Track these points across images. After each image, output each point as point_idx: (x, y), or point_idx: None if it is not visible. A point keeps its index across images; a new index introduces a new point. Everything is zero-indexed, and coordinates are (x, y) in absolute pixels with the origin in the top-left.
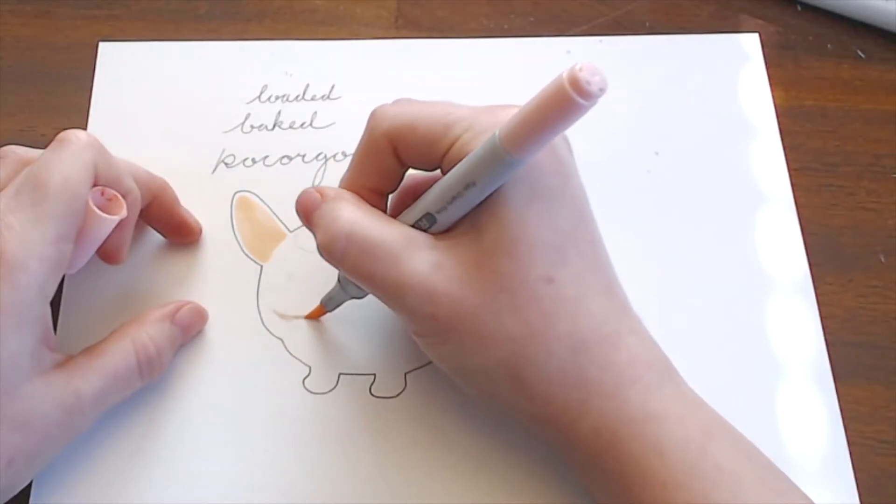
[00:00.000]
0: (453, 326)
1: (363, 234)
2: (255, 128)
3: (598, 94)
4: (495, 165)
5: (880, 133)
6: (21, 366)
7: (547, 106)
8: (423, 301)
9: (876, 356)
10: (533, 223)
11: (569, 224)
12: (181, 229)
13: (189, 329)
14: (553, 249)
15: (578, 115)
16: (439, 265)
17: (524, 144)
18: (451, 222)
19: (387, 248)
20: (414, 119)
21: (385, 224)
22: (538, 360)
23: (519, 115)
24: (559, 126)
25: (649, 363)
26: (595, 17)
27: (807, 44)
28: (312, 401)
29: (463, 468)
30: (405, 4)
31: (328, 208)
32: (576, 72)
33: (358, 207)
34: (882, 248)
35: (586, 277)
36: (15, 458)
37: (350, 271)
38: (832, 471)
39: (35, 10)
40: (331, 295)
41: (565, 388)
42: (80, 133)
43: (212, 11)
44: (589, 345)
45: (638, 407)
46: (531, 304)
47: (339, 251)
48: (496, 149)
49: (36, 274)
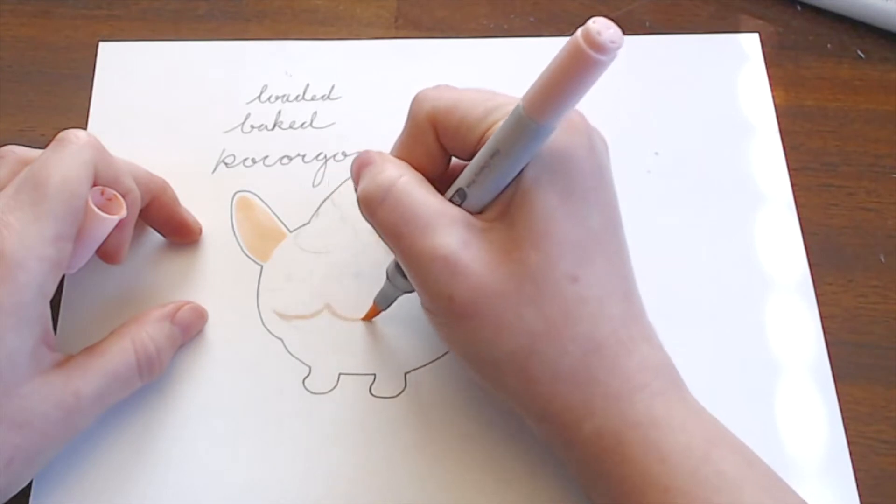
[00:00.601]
0: (470, 310)
1: (405, 190)
2: (255, 128)
3: (612, 46)
4: (518, 131)
5: (880, 133)
6: (20, 365)
7: (565, 66)
8: (444, 277)
9: (876, 356)
10: (565, 220)
11: (599, 225)
12: (181, 229)
13: (189, 329)
14: (581, 248)
15: (597, 72)
16: (468, 243)
17: (545, 108)
18: (482, 200)
19: (422, 214)
20: (455, 102)
21: (428, 192)
22: (551, 357)
23: (539, 80)
24: (577, 86)
25: (658, 370)
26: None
27: (807, 44)
28: (312, 401)
29: (463, 468)
30: (405, 4)
31: (380, 163)
32: (589, 26)
33: (408, 170)
34: (882, 248)
35: (610, 280)
36: (14, 457)
37: (382, 226)
38: (832, 471)
39: (35, 10)
40: (383, 292)
41: (572, 388)
42: (79, 132)
43: (212, 11)
44: (603, 348)
45: (642, 412)
46: (554, 301)
47: (376, 201)
48: (519, 116)
49: (35, 273)
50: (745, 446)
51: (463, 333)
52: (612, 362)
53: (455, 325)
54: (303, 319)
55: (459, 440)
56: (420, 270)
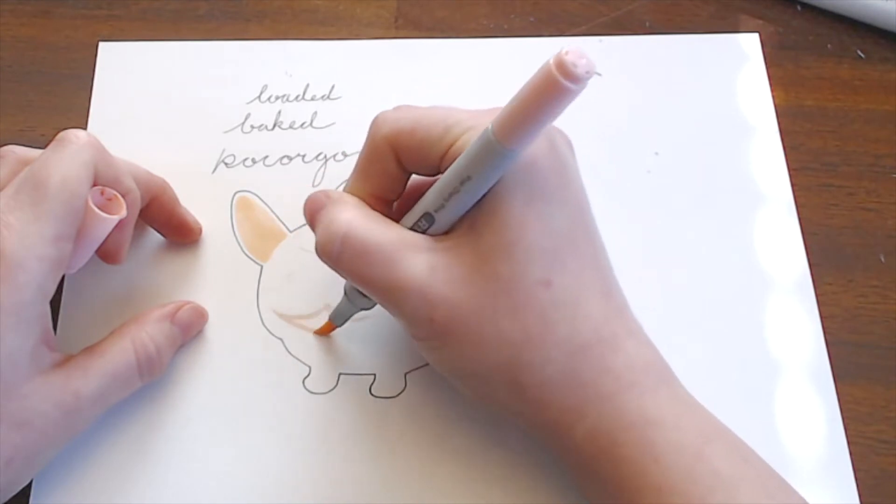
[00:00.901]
0: (451, 330)
1: (359, 236)
2: (255, 128)
3: (586, 77)
4: (489, 157)
5: (880, 133)
6: (20, 365)
7: (536, 92)
8: (419, 304)
9: (876, 356)
10: (531, 225)
11: (567, 226)
12: (181, 229)
13: (189, 329)
14: (551, 252)
15: (567, 100)
16: (435, 268)
17: (516, 134)
18: (450, 221)
19: (382, 251)
20: (414, 123)
21: (382, 227)
22: (536, 365)
23: (510, 105)
24: (549, 113)
25: (647, 367)
26: (595, 17)
27: (807, 44)
28: (312, 401)
29: (463, 468)
30: (405, 4)
31: (328, 209)
32: (562, 56)
33: (357, 210)
34: (882, 248)
35: (584, 280)
36: (14, 457)
37: (347, 273)
38: (832, 471)
39: (35, 10)
40: (339, 310)
41: (562, 393)
42: (79, 132)
43: (212, 11)
44: (586, 349)
45: (634, 411)
46: (529, 309)
47: (334, 253)
48: (489, 140)
49: (35, 273)
50: (740, 442)
51: (447, 353)
52: (598, 362)
53: (439, 346)
54: (303, 319)
55: (459, 440)
56: (395, 305)
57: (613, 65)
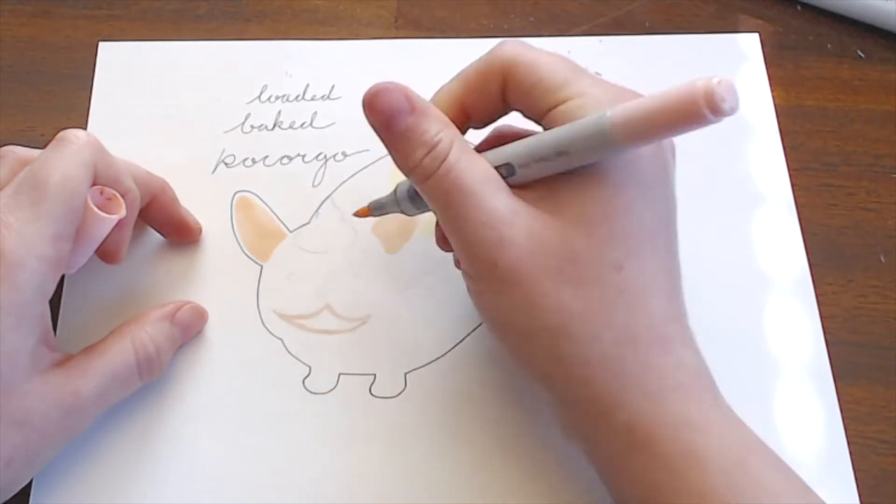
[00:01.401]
0: (510, 278)
1: (456, 158)
2: (255, 128)
3: (729, 113)
4: (597, 144)
5: (880, 133)
6: (20, 364)
7: (672, 109)
8: (491, 242)
9: (876, 356)
10: (619, 210)
11: (652, 222)
12: (181, 229)
13: (189, 329)
14: (632, 240)
15: (699, 127)
16: (517, 212)
17: (635, 136)
18: (526, 181)
19: (472, 180)
20: (536, 60)
21: (475, 156)
22: (583, 340)
23: (640, 107)
24: (677, 131)
25: (696, 374)
26: (595, 17)
27: (807, 44)
28: (312, 401)
29: (463, 468)
30: (405, 4)
31: (424, 119)
32: (713, 86)
33: (454, 128)
34: (882, 248)
35: (655, 277)
36: (14, 456)
37: (432, 193)
38: (832, 471)
39: (35, 10)
40: (381, 202)
41: (604, 377)
42: (79, 132)
43: (212, 11)
44: (638, 341)
45: (677, 412)
46: (594, 285)
47: (430, 169)
48: (604, 129)
49: (34, 272)
50: (781, 460)
51: (500, 301)
52: (645, 358)
53: (494, 291)
54: (303, 319)
55: (459, 440)
56: (466, 235)
57: (613, 65)
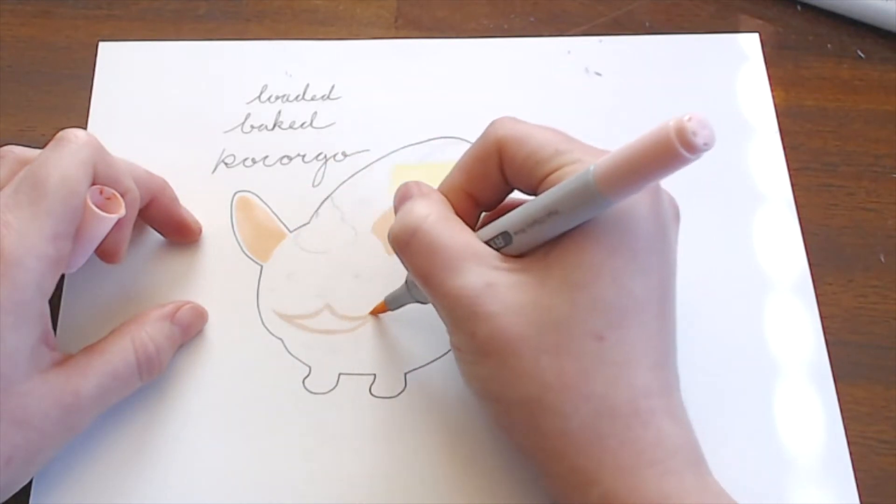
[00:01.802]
0: (489, 349)
1: (430, 232)
2: (255, 128)
3: (704, 149)
4: (583, 201)
5: (880, 133)
6: (20, 363)
7: (648, 152)
8: (466, 315)
9: (876, 356)
10: (605, 277)
11: (642, 291)
12: (181, 229)
13: (189, 329)
14: (615, 309)
15: (678, 167)
16: (493, 285)
17: (617, 186)
18: (526, 247)
19: (446, 254)
20: (527, 134)
21: (456, 231)
22: (561, 413)
23: (617, 155)
24: (657, 174)
25: (676, 449)
26: (595, 17)
27: (807, 44)
28: (312, 401)
29: (463, 468)
30: (405, 4)
31: (412, 200)
32: (684, 122)
33: (438, 207)
34: (882, 248)
35: (639, 347)
36: (14, 455)
37: (409, 264)
38: (832, 471)
39: (35, 10)
40: (395, 294)
41: (581, 450)
42: (78, 132)
43: (212, 11)
44: (617, 414)
45: (652, 490)
46: (572, 355)
47: (403, 241)
48: (588, 184)
49: (34, 272)
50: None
51: (482, 371)
52: (624, 432)
53: (476, 362)
54: (303, 319)
55: (459, 440)
56: (445, 308)
57: (613, 65)
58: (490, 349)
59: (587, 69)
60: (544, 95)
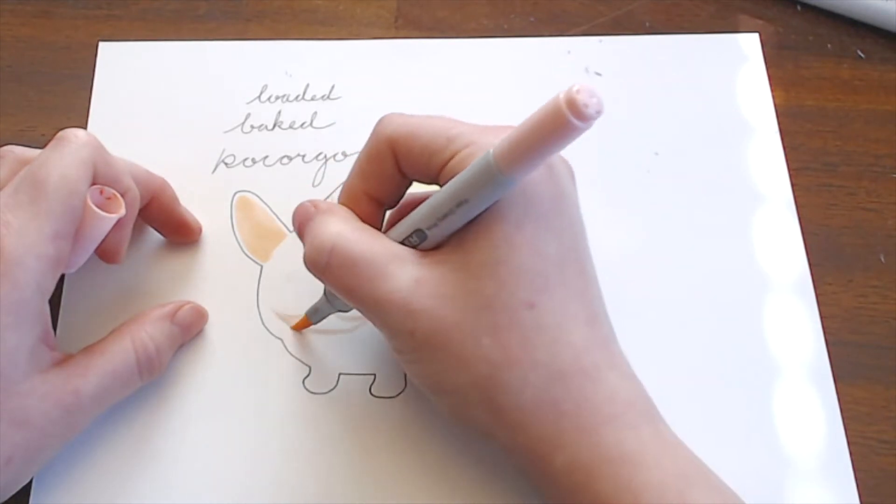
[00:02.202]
0: (431, 344)
1: (346, 248)
2: (255, 128)
3: (595, 116)
4: (488, 183)
5: (880, 133)
6: (19, 363)
7: (542, 126)
8: (401, 317)
9: (876, 356)
10: (520, 247)
11: (557, 252)
12: (181, 229)
13: (189, 329)
14: (538, 275)
15: (573, 136)
16: (420, 281)
17: (517, 164)
18: (442, 239)
19: (368, 264)
20: (417, 128)
21: (371, 239)
22: (513, 387)
23: (514, 134)
24: (553, 147)
25: (629, 402)
26: (595, 17)
27: (807, 44)
28: (312, 401)
29: (462, 468)
30: (405, 4)
31: (317, 221)
32: (573, 93)
33: (345, 222)
34: (882, 248)
35: (569, 307)
36: (14, 455)
37: (333, 285)
38: (832, 471)
39: (35, 10)
40: (317, 307)
41: (540, 419)
42: (78, 131)
43: (212, 11)
44: (566, 376)
45: (613, 446)
46: (510, 328)
47: (321, 264)
48: (489, 167)
49: (34, 271)
50: (723, 485)
51: (426, 366)
52: (577, 393)
53: (419, 359)
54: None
55: (459, 440)
56: (378, 316)
57: (613, 65)
58: (431, 343)
59: (587, 69)
60: (544, 95)
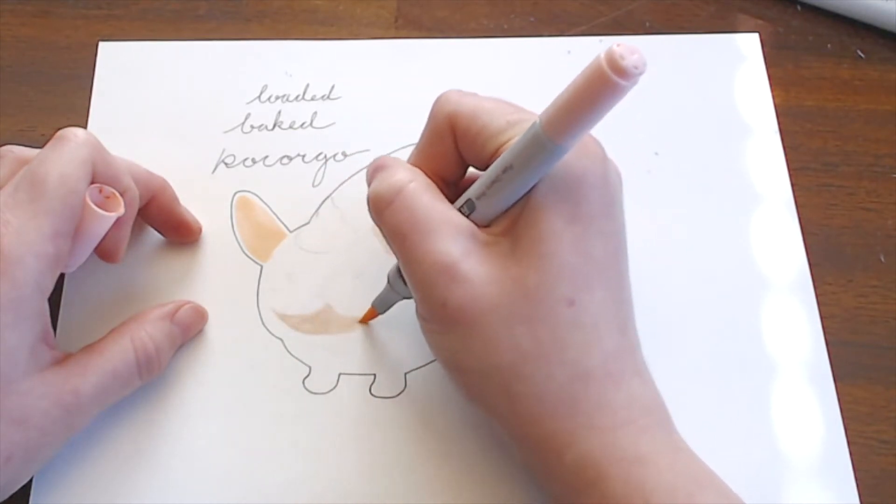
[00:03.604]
0: (460, 319)
1: (414, 195)
2: (255, 128)
3: (635, 72)
4: (534, 149)
5: (880, 133)
6: (19, 362)
7: (585, 87)
8: (440, 282)
9: (876, 356)
10: (568, 244)
11: (602, 255)
12: (181, 228)
13: (189, 329)
14: (581, 274)
15: (617, 95)
16: (469, 253)
17: (563, 128)
18: (491, 213)
19: (428, 217)
20: (476, 109)
21: (438, 199)
22: (536, 379)
23: (558, 100)
24: (598, 108)
25: (647, 408)
26: (595, 17)
27: (807, 44)
28: (312, 401)
29: (463, 468)
30: (405, 4)
31: (394, 167)
32: (613, 50)
33: (421, 176)
34: (882, 248)
35: (606, 310)
36: (13, 454)
37: (388, 227)
38: (832, 471)
39: (35, 10)
40: (382, 296)
41: (556, 414)
42: (77, 131)
43: (212, 11)
44: (591, 377)
45: (626, 447)
46: (547, 322)
47: (385, 202)
48: (536, 133)
49: (33, 270)
50: (732, 492)
51: (452, 341)
52: (598, 394)
53: (445, 332)
54: (303, 319)
55: (460, 440)
56: (418, 274)
57: None
58: (460, 318)
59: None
60: (544, 95)
